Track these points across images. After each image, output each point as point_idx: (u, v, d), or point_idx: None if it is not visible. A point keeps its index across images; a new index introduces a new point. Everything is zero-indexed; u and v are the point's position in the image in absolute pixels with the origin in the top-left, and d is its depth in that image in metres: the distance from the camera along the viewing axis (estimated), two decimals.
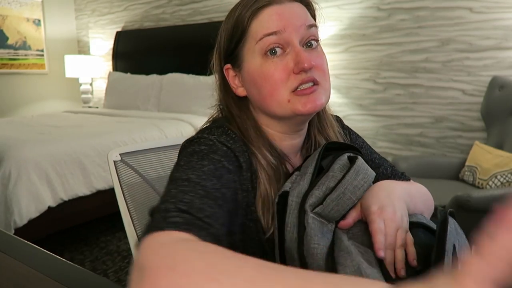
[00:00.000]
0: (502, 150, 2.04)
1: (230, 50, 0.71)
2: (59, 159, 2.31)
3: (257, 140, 0.69)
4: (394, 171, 0.86)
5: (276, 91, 0.65)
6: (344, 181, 0.60)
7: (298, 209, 0.58)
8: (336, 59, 2.94)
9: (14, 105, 4.12)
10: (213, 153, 0.61)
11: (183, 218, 0.47)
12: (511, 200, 0.32)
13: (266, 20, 0.66)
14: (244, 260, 0.39)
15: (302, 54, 0.64)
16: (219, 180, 0.57)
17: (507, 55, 2.32)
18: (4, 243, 0.81)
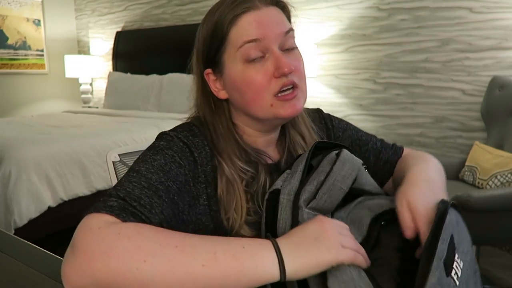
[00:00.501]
0: (502, 150, 2.04)
1: (211, 56, 0.72)
2: (59, 159, 2.31)
3: (227, 147, 0.72)
4: (384, 144, 0.89)
5: (259, 96, 0.68)
6: (332, 173, 0.62)
7: (291, 206, 0.60)
8: (336, 59, 2.94)
9: (14, 105, 4.12)
10: (168, 149, 0.67)
11: (118, 204, 0.55)
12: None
13: (245, 27, 0.68)
14: (166, 238, 0.50)
15: (282, 59, 0.67)
16: (165, 174, 0.63)
17: (507, 55, 2.31)
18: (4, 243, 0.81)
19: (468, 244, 0.59)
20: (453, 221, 0.57)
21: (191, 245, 0.50)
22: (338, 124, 0.88)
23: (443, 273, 0.51)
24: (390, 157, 0.87)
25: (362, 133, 0.89)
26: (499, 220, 1.66)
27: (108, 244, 0.48)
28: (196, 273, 0.48)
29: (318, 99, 3.00)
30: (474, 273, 0.58)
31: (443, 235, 0.53)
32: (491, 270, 2.08)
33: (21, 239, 0.84)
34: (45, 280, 0.68)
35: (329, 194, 0.60)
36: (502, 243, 2.28)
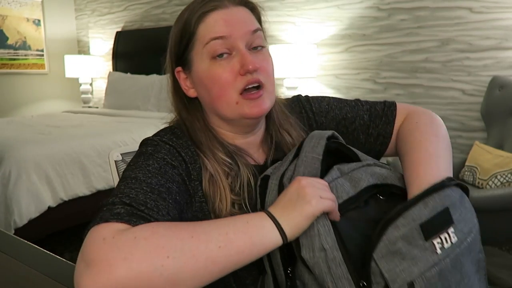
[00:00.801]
0: (502, 150, 2.04)
1: (180, 53, 0.74)
2: (59, 159, 2.31)
3: (206, 140, 0.73)
4: (373, 115, 0.84)
5: (225, 93, 0.69)
6: (303, 147, 0.66)
7: (277, 189, 0.63)
8: (336, 59, 2.94)
9: (14, 105, 4.12)
10: (157, 153, 0.67)
11: (125, 210, 0.55)
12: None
13: (212, 24, 0.69)
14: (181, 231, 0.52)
15: (247, 57, 0.68)
16: (163, 176, 0.64)
17: (507, 55, 2.32)
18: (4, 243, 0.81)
19: (473, 228, 0.60)
20: (454, 198, 0.59)
21: (204, 232, 0.52)
22: (319, 107, 0.85)
23: (418, 235, 0.54)
24: (382, 129, 0.83)
25: (347, 108, 0.85)
26: (499, 220, 1.66)
27: (127, 249, 0.48)
28: (216, 255, 0.51)
29: None
30: (477, 261, 0.60)
31: (429, 202, 0.56)
32: (491, 270, 2.08)
33: (21, 239, 0.84)
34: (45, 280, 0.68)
35: (304, 166, 0.63)
36: (502, 243, 2.28)
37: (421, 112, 0.83)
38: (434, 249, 0.54)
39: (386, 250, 0.53)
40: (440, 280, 0.53)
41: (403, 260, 0.53)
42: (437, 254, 0.54)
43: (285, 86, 2.88)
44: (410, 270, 0.52)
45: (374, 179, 0.64)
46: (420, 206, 0.55)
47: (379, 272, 0.53)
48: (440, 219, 0.56)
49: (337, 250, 0.55)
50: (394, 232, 0.53)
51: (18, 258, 0.74)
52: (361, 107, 0.85)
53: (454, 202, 0.58)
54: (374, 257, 0.53)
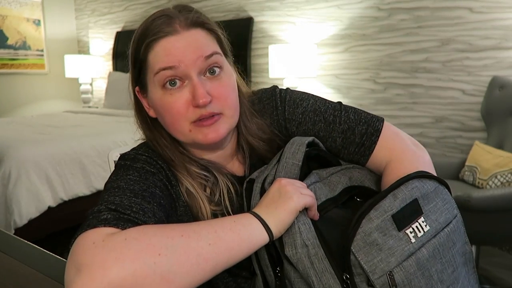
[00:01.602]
0: (502, 150, 2.04)
1: (136, 75, 0.71)
2: (59, 159, 2.31)
3: (176, 157, 0.71)
4: (348, 139, 0.73)
5: (177, 122, 0.67)
6: (284, 153, 0.68)
7: (259, 192, 0.66)
8: (336, 59, 2.94)
9: (14, 105, 4.12)
10: (135, 163, 0.67)
11: (112, 215, 0.55)
12: None
13: (161, 54, 0.65)
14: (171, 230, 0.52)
15: (199, 90, 0.64)
16: (145, 183, 0.64)
17: (507, 55, 2.31)
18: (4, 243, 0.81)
19: (450, 218, 0.62)
20: (425, 189, 0.61)
21: (194, 231, 0.53)
22: (292, 114, 0.76)
23: (391, 226, 0.57)
24: (354, 158, 0.74)
25: (321, 125, 0.74)
26: (499, 220, 1.66)
27: (118, 250, 0.48)
28: (206, 252, 0.52)
29: None
30: (463, 254, 0.62)
31: (398, 194, 0.59)
32: (491, 270, 2.08)
33: (21, 239, 0.84)
34: (45, 280, 0.68)
35: (285, 171, 0.66)
36: (502, 243, 2.28)
37: (405, 159, 0.70)
38: (408, 238, 0.57)
39: (363, 242, 0.55)
40: (419, 270, 0.55)
41: (380, 251, 0.55)
42: (411, 243, 0.56)
43: (285, 86, 2.88)
44: (388, 260, 0.55)
45: (351, 182, 0.68)
46: (390, 198, 0.58)
47: (358, 264, 0.55)
48: (409, 209, 0.58)
49: (318, 246, 0.58)
50: (368, 224, 0.56)
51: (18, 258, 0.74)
52: (337, 126, 0.74)
53: (426, 193, 0.61)
54: (352, 250, 0.55)
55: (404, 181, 0.61)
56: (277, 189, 0.61)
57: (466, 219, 0.65)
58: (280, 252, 0.61)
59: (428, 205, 0.60)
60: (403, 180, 0.61)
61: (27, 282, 0.67)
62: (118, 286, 0.46)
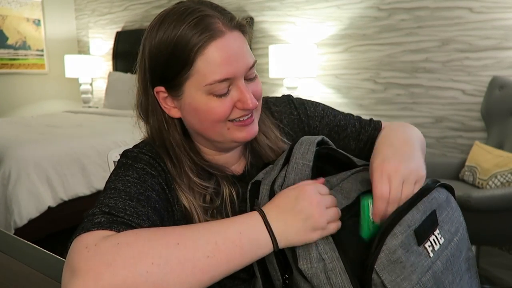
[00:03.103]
0: (502, 150, 2.04)
1: (167, 76, 0.69)
2: (59, 159, 2.31)
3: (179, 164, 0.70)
4: (363, 123, 0.87)
5: (218, 124, 0.68)
6: (293, 154, 0.65)
7: (268, 194, 0.63)
8: (336, 59, 2.94)
9: (14, 105, 4.12)
10: (136, 163, 0.67)
11: (106, 218, 0.55)
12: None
13: (214, 63, 0.64)
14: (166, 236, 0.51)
15: (247, 95, 0.66)
16: (142, 185, 0.63)
17: (507, 55, 2.31)
18: (4, 243, 0.81)
19: (459, 227, 0.61)
20: (441, 199, 0.59)
21: (191, 239, 0.51)
22: (314, 111, 0.85)
23: (412, 240, 0.54)
24: (370, 134, 0.86)
25: (340, 116, 0.86)
26: (499, 220, 1.66)
27: (110, 256, 0.48)
28: (203, 264, 0.50)
29: (318, 99, 2.98)
30: (467, 259, 0.61)
31: (420, 206, 0.56)
32: (491, 270, 2.08)
33: (21, 239, 0.84)
34: (45, 280, 0.68)
35: (295, 172, 0.63)
36: (502, 243, 2.27)
37: (399, 124, 0.85)
38: (427, 253, 0.55)
39: (387, 260, 0.52)
40: (435, 284, 0.54)
41: (404, 269, 0.52)
42: (430, 257, 0.55)
43: (285, 86, 2.88)
44: (410, 278, 0.52)
45: (363, 186, 0.64)
46: (413, 211, 0.55)
47: (381, 283, 0.52)
48: (429, 222, 0.56)
49: (337, 259, 0.54)
50: (393, 241, 0.53)
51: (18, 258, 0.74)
52: (352, 116, 0.88)
53: (441, 203, 0.59)
54: (376, 269, 0.52)
55: (425, 192, 0.58)
56: (295, 191, 0.58)
57: (466, 219, 0.65)
58: (293, 266, 0.58)
59: (441, 215, 0.58)
60: (424, 191, 0.58)
61: (27, 282, 0.67)
62: None
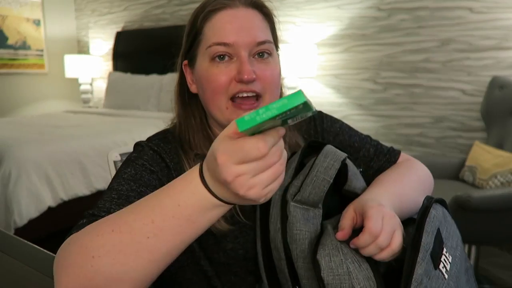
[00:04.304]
0: (502, 150, 2.04)
1: (187, 48, 0.73)
2: (59, 159, 2.31)
3: (197, 140, 0.71)
4: (378, 151, 0.83)
5: (217, 96, 0.67)
6: (315, 165, 0.62)
7: (281, 201, 0.61)
8: (336, 59, 2.94)
9: (14, 105, 4.12)
10: (138, 159, 0.68)
11: (87, 219, 0.56)
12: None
13: (218, 27, 0.66)
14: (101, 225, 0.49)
15: (245, 66, 0.65)
16: (136, 182, 0.64)
17: (507, 55, 2.31)
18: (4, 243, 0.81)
19: (458, 240, 0.59)
20: (440, 216, 0.57)
21: (126, 223, 0.47)
22: (330, 127, 0.84)
23: (430, 265, 0.51)
24: (382, 165, 0.82)
25: (356, 138, 0.84)
26: (499, 220, 1.66)
27: (64, 257, 0.49)
28: (146, 245, 0.46)
29: (318, 99, 3.00)
30: (466, 270, 0.59)
31: (427, 228, 0.53)
32: (491, 270, 2.08)
33: (21, 239, 0.84)
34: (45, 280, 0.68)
35: (312, 186, 0.60)
36: (502, 243, 2.27)
37: (414, 162, 0.82)
38: (443, 275, 0.53)
39: None
40: None
41: None
42: (445, 279, 0.52)
43: (285, 86, 2.88)
44: None
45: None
46: (425, 235, 0.53)
47: None
48: (438, 242, 0.54)
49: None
50: (418, 270, 0.50)
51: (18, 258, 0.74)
52: (369, 141, 0.85)
53: (441, 220, 0.57)
54: None
55: (426, 212, 0.56)
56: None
57: (466, 219, 0.65)
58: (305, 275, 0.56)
59: (443, 232, 0.56)
60: (425, 211, 0.56)
61: (27, 282, 0.67)
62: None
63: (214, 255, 0.69)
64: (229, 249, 0.69)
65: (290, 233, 0.59)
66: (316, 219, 0.61)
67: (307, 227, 0.59)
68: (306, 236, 0.58)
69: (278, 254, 0.60)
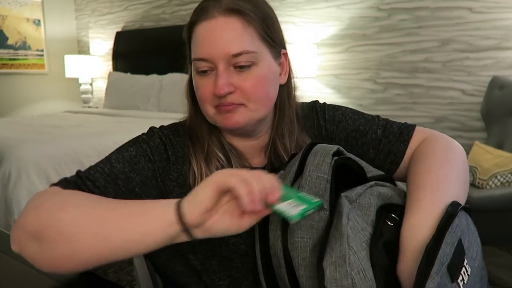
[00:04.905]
0: (502, 150, 2.04)
1: (188, 51, 0.75)
2: (59, 159, 2.31)
3: (206, 134, 0.74)
4: (388, 131, 0.77)
5: (203, 104, 0.71)
6: (306, 165, 0.61)
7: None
8: (336, 59, 2.94)
9: (14, 105, 4.12)
10: (144, 143, 0.71)
11: (74, 180, 0.63)
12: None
13: (197, 42, 0.69)
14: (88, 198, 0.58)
15: (219, 81, 0.66)
16: (131, 166, 0.67)
17: (507, 55, 2.31)
18: (4, 243, 0.81)
19: (478, 249, 0.56)
20: (463, 225, 0.54)
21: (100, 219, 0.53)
22: (332, 116, 0.82)
23: (446, 278, 0.48)
24: (394, 146, 0.75)
25: (361, 121, 0.80)
26: (499, 220, 1.66)
27: (40, 200, 0.57)
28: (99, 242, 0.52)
29: (318, 99, 2.99)
30: (480, 278, 0.56)
31: (447, 239, 0.50)
32: (491, 270, 2.08)
33: None
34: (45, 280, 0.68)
35: (309, 186, 0.58)
36: (502, 243, 2.28)
37: (439, 137, 0.73)
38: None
39: None
40: None
41: None
42: None
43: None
44: None
45: (380, 201, 0.60)
46: (443, 246, 0.49)
47: None
48: (458, 253, 0.51)
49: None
50: (430, 284, 0.47)
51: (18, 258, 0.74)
52: (376, 121, 0.80)
53: (463, 230, 0.53)
54: None
55: (449, 222, 0.52)
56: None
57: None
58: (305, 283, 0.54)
59: (465, 242, 0.53)
60: (448, 221, 0.52)
61: (27, 282, 0.67)
62: (30, 231, 0.55)
63: (217, 249, 0.70)
64: (232, 243, 0.69)
65: (291, 240, 0.57)
66: (321, 222, 0.57)
67: (309, 233, 0.56)
68: (308, 244, 0.56)
69: (278, 261, 0.59)
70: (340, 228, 0.53)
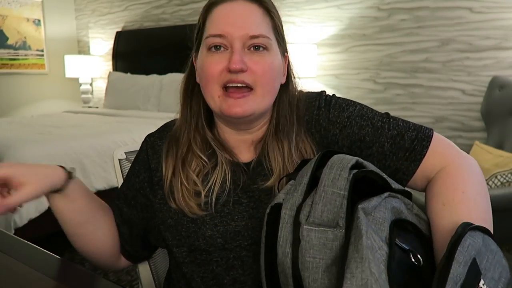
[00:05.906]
0: (502, 150, 2.04)
1: (196, 38, 0.76)
2: (59, 159, 2.31)
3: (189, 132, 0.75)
4: (397, 145, 0.69)
5: (210, 84, 0.69)
6: (321, 179, 0.56)
7: (292, 223, 0.55)
8: (336, 59, 2.94)
9: (14, 105, 4.12)
10: (135, 159, 0.82)
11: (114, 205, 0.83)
12: None
13: (215, 20, 0.70)
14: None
15: (235, 56, 0.67)
16: (127, 183, 0.82)
17: (507, 55, 2.31)
18: (4, 243, 0.81)
19: (502, 271, 0.54)
20: (478, 244, 0.52)
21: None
22: (337, 117, 0.73)
23: None
24: (403, 164, 0.68)
25: (368, 129, 0.71)
26: (499, 220, 1.66)
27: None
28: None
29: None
30: None
31: (459, 258, 0.49)
32: None
33: (21, 239, 0.84)
34: (45, 280, 0.68)
35: (323, 203, 0.54)
36: (502, 243, 2.27)
37: (465, 170, 0.64)
38: None
39: None
40: None
41: None
42: None
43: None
44: None
45: (392, 215, 0.57)
46: (455, 265, 0.48)
47: None
48: (473, 273, 0.49)
49: None
50: None
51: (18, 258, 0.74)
52: (386, 131, 0.70)
53: (479, 249, 0.52)
54: None
55: (458, 241, 0.50)
56: None
57: None
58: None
59: (482, 262, 0.51)
60: (457, 240, 0.50)
61: (27, 282, 0.67)
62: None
63: (195, 242, 0.71)
64: (208, 236, 0.70)
65: (302, 259, 0.53)
66: (337, 241, 0.53)
67: (322, 254, 0.52)
68: (320, 265, 0.52)
69: (286, 279, 0.55)
70: (361, 251, 0.49)
